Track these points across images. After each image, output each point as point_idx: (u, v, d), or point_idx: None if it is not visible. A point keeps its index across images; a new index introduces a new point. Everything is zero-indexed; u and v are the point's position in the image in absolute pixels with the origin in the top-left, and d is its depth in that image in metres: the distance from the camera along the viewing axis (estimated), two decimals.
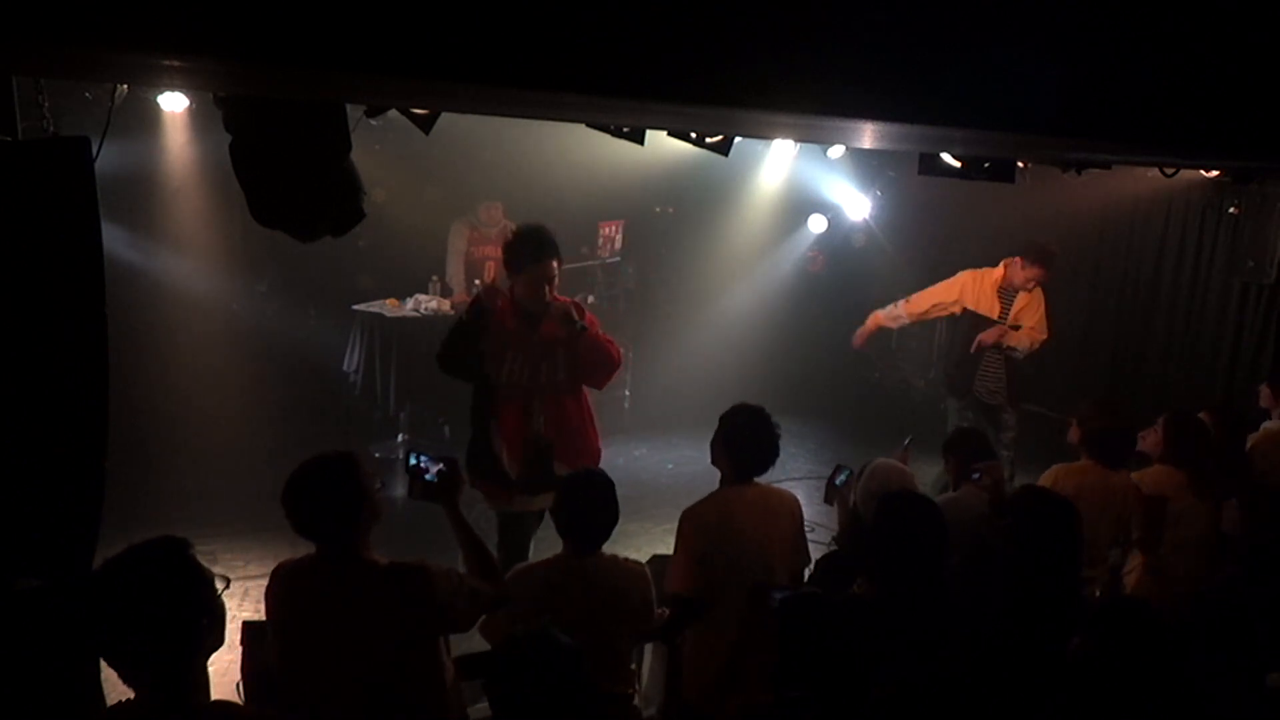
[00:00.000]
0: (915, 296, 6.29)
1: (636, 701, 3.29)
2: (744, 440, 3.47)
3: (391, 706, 2.63)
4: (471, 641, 3.11)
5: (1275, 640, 2.83)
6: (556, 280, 4.16)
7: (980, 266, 6.19)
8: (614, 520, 3.18)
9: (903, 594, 2.81)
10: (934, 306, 6.26)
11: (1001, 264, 6.04)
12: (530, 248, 4.11)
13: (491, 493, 4.22)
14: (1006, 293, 6.02)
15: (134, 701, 1.96)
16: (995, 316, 6.00)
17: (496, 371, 4.13)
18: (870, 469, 3.83)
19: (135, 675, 1.94)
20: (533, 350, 4.14)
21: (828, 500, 3.96)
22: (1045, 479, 3.91)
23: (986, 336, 5.98)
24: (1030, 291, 5.99)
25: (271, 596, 2.71)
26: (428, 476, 2.97)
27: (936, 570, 2.85)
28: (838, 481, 3.90)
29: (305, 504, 2.62)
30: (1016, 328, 6.00)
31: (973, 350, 6.03)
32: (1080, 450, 4.01)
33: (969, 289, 6.08)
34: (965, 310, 6.11)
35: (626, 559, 3.24)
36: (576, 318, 4.10)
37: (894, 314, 6.31)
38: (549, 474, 4.08)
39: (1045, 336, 6.07)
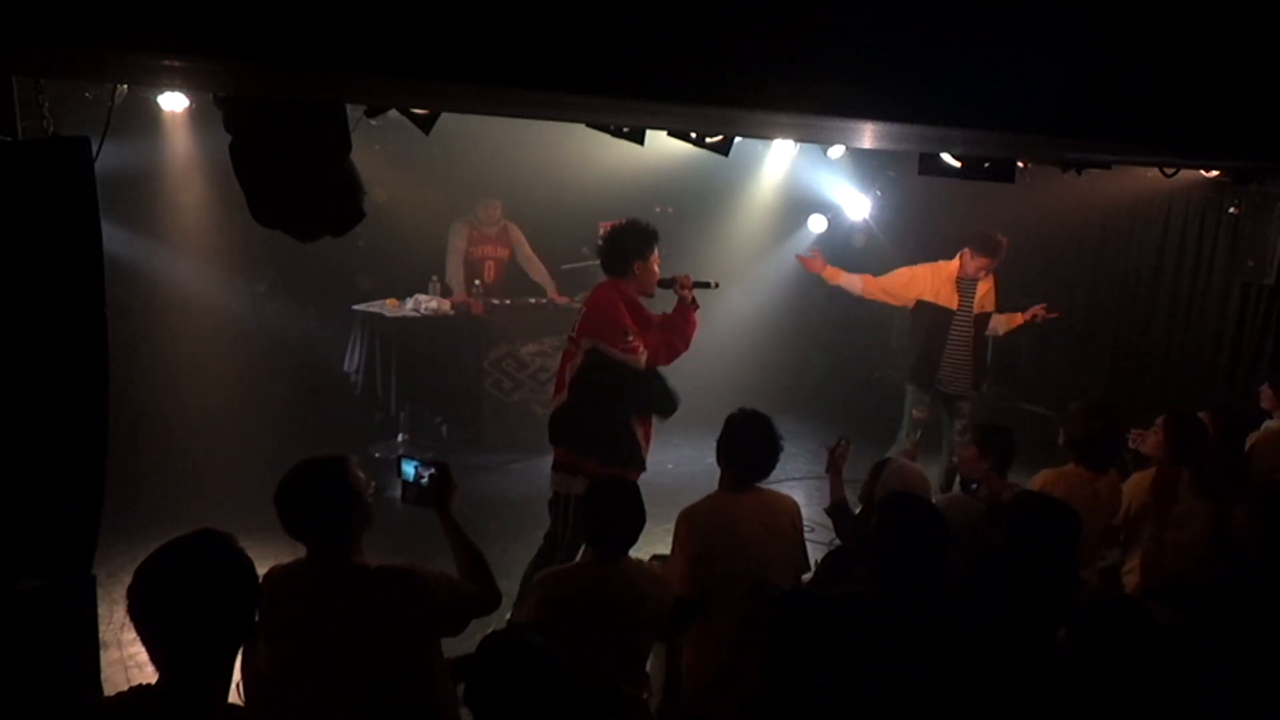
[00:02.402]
0: (877, 279, 6.39)
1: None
2: (741, 447, 3.47)
3: (385, 709, 2.62)
4: (470, 643, 3.11)
5: (1276, 639, 2.83)
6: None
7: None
8: (641, 526, 3.14)
9: (904, 593, 2.82)
10: (885, 294, 6.39)
11: (957, 256, 6.18)
12: (639, 241, 4.46)
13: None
14: (964, 283, 6.17)
15: (156, 686, 1.92)
16: (955, 307, 6.15)
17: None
18: (896, 469, 3.82)
19: (177, 659, 1.90)
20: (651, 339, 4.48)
21: (828, 470, 4.01)
22: (1033, 485, 3.89)
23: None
24: (986, 280, 6.18)
25: (262, 601, 2.70)
26: (422, 482, 2.95)
27: (938, 571, 2.85)
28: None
29: (296, 507, 2.62)
30: (987, 316, 6.19)
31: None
32: (1066, 454, 4.01)
33: (928, 282, 6.21)
34: (922, 302, 6.24)
35: (649, 563, 3.23)
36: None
37: (852, 281, 6.39)
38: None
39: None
